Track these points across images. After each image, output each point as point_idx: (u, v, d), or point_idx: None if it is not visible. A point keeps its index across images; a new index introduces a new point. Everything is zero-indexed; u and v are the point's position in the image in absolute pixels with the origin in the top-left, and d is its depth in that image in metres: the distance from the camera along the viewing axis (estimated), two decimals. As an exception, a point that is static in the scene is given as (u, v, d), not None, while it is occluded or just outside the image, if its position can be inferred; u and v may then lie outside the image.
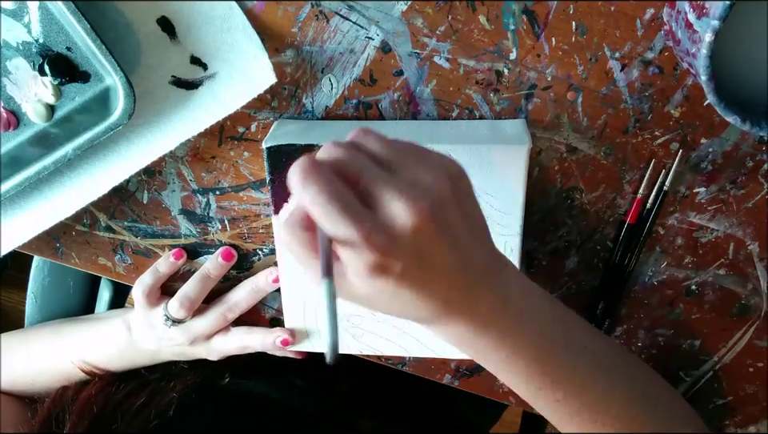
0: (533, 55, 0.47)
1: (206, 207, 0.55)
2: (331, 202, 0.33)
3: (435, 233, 0.34)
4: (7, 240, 0.52)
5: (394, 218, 0.33)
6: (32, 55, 0.45)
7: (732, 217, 0.52)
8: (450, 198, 0.35)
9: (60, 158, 0.47)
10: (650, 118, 0.49)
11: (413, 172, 0.35)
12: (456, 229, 0.35)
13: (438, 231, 0.34)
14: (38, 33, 0.45)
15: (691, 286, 0.55)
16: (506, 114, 0.50)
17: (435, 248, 0.34)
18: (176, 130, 0.49)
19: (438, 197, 0.34)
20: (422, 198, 0.33)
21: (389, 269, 0.34)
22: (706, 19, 0.37)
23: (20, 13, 0.44)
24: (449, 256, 0.35)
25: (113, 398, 0.58)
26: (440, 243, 0.34)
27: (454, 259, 0.35)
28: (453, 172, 0.36)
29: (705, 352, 0.58)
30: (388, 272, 0.34)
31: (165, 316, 0.56)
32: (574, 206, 0.53)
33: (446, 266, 0.35)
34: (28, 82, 0.46)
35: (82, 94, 0.47)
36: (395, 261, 0.33)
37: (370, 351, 0.56)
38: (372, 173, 0.34)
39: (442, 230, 0.34)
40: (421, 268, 0.34)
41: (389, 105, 0.50)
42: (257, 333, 0.57)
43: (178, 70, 0.48)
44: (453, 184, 0.35)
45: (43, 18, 0.44)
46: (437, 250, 0.35)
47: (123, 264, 0.58)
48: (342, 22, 0.47)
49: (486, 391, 0.62)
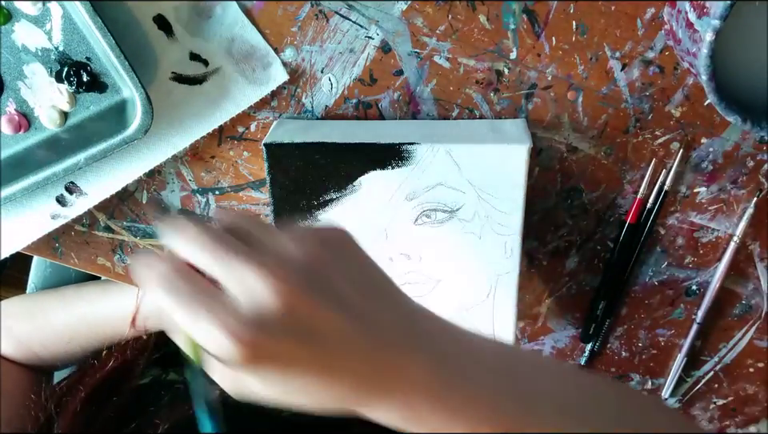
0: (533, 55, 0.47)
1: (206, 207, 0.55)
2: (184, 305, 0.28)
3: (311, 300, 0.29)
4: (10, 241, 0.52)
5: (255, 297, 0.28)
6: (50, 62, 0.45)
7: (733, 217, 0.52)
8: (325, 262, 0.30)
9: (71, 166, 0.47)
10: (651, 118, 0.49)
11: (273, 244, 0.30)
12: (341, 293, 0.30)
13: (314, 298, 0.29)
14: (58, 41, 0.45)
15: (692, 286, 0.55)
16: (506, 114, 0.49)
17: (317, 317, 0.29)
18: (185, 127, 0.50)
19: (306, 263, 0.29)
20: (285, 269, 0.29)
21: (269, 353, 0.28)
22: (707, 19, 0.37)
23: (42, 20, 0.44)
24: (340, 322, 0.30)
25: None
26: (320, 310, 0.29)
27: (348, 326, 0.30)
28: (324, 235, 0.32)
29: (705, 352, 0.58)
30: (271, 356, 0.28)
31: None
32: (574, 206, 0.52)
33: (340, 334, 0.30)
34: (44, 87, 0.46)
35: (98, 103, 0.47)
36: (274, 343, 0.28)
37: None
38: (220, 252, 0.29)
39: (320, 296, 0.29)
40: (305, 344, 0.29)
41: (389, 104, 0.50)
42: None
43: (178, 66, 0.48)
44: (326, 247, 0.31)
45: (65, 26, 0.45)
46: (319, 319, 0.29)
47: (122, 264, 0.58)
48: (342, 21, 0.47)
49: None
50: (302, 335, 0.29)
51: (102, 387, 0.61)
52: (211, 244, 0.30)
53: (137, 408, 0.59)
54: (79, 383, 0.61)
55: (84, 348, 0.64)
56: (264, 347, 0.28)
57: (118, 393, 0.60)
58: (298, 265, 0.29)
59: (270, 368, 0.29)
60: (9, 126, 0.47)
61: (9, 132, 0.47)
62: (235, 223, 0.31)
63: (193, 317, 0.28)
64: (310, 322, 0.29)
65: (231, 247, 0.29)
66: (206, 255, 0.29)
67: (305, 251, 0.30)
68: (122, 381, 0.62)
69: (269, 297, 0.28)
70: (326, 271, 0.30)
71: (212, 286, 0.29)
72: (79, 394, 0.60)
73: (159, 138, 0.50)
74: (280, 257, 0.29)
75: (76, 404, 0.59)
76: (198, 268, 0.30)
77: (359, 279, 0.31)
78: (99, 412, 0.59)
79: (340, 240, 0.32)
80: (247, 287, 0.28)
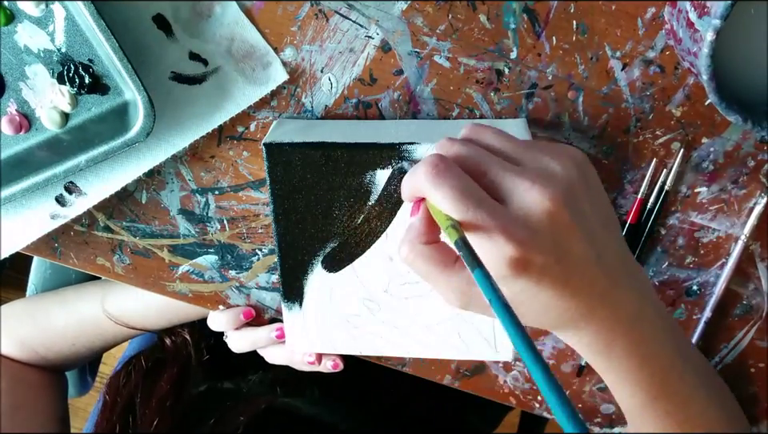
0: (533, 54, 0.47)
1: (205, 207, 0.55)
2: (466, 197, 0.31)
3: (570, 221, 0.32)
4: (10, 241, 0.52)
5: (529, 207, 0.32)
6: (52, 63, 0.45)
7: (734, 217, 0.52)
8: (580, 185, 0.33)
9: (72, 167, 0.47)
10: (651, 118, 0.49)
11: (538, 161, 0.33)
12: (589, 219, 0.33)
13: (573, 220, 0.32)
14: (61, 42, 0.45)
15: (693, 286, 0.55)
16: (506, 114, 0.49)
17: (572, 239, 0.32)
18: (185, 127, 0.50)
19: (569, 183, 0.32)
20: (554, 185, 0.32)
21: (530, 264, 0.32)
22: (708, 18, 0.37)
23: (45, 21, 0.44)
24: (586, 248, 0.33)
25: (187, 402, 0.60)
26: (576, 232, 0.32)
27: (591, 252, 0.33)
28: (579, 160, 0.34)
29: (706, 353, 0.58)
30: (529, 268, 0.32)
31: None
32: (574, 206, 0.52)
33: (584, 259, 0.33)
34: (45, 88, 0.46)
35: (99, 105, 0.47)
36: (535, 254, 0.31)
37: (370, 351, 0.56)
38: (499, 165, 0.33)
39: (576, 218, 0.32)
40: (560, 262, 0.32)
41: (389, 104, 0.50)
42: (261, 329, 0.59)
43: (177, 66, 0.48)
44: (580, 171, 0.33)
45: (68, 28, 0.45)
46: (573, 240, 0.32)
47: (122, 264, 0.58)
48: (342, 20, 0.47)
49: (487, 391, 0.61)
50: (558, 250, 0.32)
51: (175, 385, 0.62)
52: (487, 157, 0.34)
53: (207, 410, 0.60)
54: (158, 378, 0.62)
55: (90, 349, 0.65)
56: (530, 253, 0.31)
57: (186, 393, 0.62)
58: (562, 185, 0.32)
59: (528, 275, 0.32)
60: (9, 127, 0.47)
61: (9, 132, 0.47)
62: (499, 145, 0.35)
63: (479, 218, 0.31)
64: (567, 240, 0.32)
65: (506, 165, 0.33)
66: (492, 168, 0.33)
67: (566, 172, 0.33)
68: (187, 382, 0.63)
69: (542, 209, 0.31)
70: (582, 196, 0.33)
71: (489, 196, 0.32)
72: (162, 388, 0.61)
73: (158, 138, 0.50)
74: (548, 174, 0.32)
75: (161, 397, 0.60)
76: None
77: (600, 211, 0.34)
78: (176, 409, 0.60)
79: (585, 165, 0.35)
80: (524, 198, 0.32)
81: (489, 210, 0.31)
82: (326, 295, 0.53)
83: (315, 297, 0.53)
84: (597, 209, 0.34)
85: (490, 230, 0.31)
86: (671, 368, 0.40)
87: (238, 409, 0.62)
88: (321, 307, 0.54)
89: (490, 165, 0.33)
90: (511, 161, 0.34)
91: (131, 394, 0.62)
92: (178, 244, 0.57)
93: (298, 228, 0.50)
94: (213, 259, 0.57)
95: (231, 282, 0.58)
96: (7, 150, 0.47)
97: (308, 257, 0.51)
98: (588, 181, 0.34)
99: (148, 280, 0.59)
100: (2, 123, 0.46)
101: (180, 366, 0.65)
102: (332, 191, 0.48)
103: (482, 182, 0.33)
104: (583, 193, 0.33)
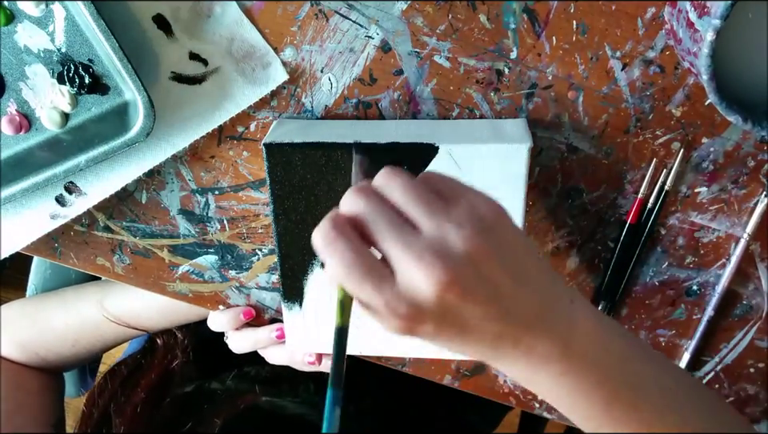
0: (533, 54, 0.47)
1: (205, 207, 0.55)
2: (352, 270, 0.32)
3: (463, 296, 0.32)
4: (10, 241, 0.52)
5: (415, 287, 0.32)
6: (52, 63, 0.45)
7: (734, 217, 0.52)
8: (484, 252, 0.32)
9: (72, 167, 0.47)
10: (651, 118, 0.49)
11: (437, 229, 0.32)
12: (495, 281, 0.33)
13: (468, 293, 0.32)
14: (61, 42, 0.45)
15: (693, 286, 0.55)
16: (506, 114, 0.49)
17: (467, 309, 0.33)
18: (185, 127, 0.50)
19: (466, 257, 0.32)
20: (445, 263, 0.31)
21: (418, 330, 0.33)
22: (708, 18, 0.37)
23: (45, 21, 0.44)
24: (486, 310, 0.33)
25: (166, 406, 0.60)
26: (472, 301, 0.32)
27: (493, 311, 0.33)
28: (486, 221, 0.33)
29: (706, 352, 0.58)
30: (419, 333, 0.33)
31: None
32: (574, 206, 0.52)
33: (485, 319, 0.33)
34: (45, 88, 0.46)
35: (99, 105, 0.47)
36: (422, 325, 0.33)
37: (369, 351, 0.56)
38: (391, 235, 0.32)
39: (472, 289, 0.32)
40: (454, 325, 0.33)
41: (389, 104, 0.50)
42: (261, 330, 0.60)
43: (177, 66, 0.48)
44: (486, 237, 0.32)
45: (68, 28, 0.45)
46: (468, 310, 0.33)
47: (122, 264, 0.58)
48: (342, 20, 0.47)
49: (487, 391, 0.61)
50: (450, 317, 0.33)
51: (153, 390, 0.62)
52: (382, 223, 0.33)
53: (183, 415, 0.60)
54: (136, 385, 0.62)
55: (90, 350, 0.65)
56: (416, 323, 0.32)
57: (166, 397, 0.61)
58: (455, 261, 0.32)
59: (420, 336, 0.34)
60: (9, 127, 0.47)
61: (9, 132, 0.47)
62: (403, 205, 0.34)
63: (362, 291, 0.32)
64: (459, 311, 0.32)
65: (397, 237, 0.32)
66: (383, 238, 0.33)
67: (465, 244, 0.32)
68: (168, 386, 0.62)
69: (426, 290, 0.31)
70: (485, 262, 0.32)
71: (381, 263, 0.33)
72: (138, 395, 0.61)
73: (158, 138, 0.50)
74: (441, 250, 0.31)
75: (136, 405, 0.60)
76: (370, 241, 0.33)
77: (513, 260, 0.34)
78: (153, 416, 0.60)
79: (496, 219, 0.34)
80: (410, 277, 0.32)
81: (373, 284, 0.32)
82: (326, 295, 0.53)
83: (315, 297, 0.53)
84: (507, 267, 0.33)
85: (374, 305, 0.32)
86: (614, 398, 0.38)
87: (215, 410, 0.61)
88: (321, 307, 0.54)
89: (381, 233, 0.33)
90: (412, 223, 0.33)
91: (106, 405, 0.62)
92: (177, 244, 0.57)
93: (298, 228, 0.50)
94: (213, 259, 0.57)
95: (231, 282, 0.58)
96: (7, 150, 0.47)
97: (308, 257, 0.51)
98: (497, 242, 0.33)
99: (148, 280, 0.59)
100: (2, 123, 0.46)
101: (161, 369, 0.64)
102: (332, 191, 0.48)
103: (377, 246, 0.33)
104: (488, 258, 0.32)
